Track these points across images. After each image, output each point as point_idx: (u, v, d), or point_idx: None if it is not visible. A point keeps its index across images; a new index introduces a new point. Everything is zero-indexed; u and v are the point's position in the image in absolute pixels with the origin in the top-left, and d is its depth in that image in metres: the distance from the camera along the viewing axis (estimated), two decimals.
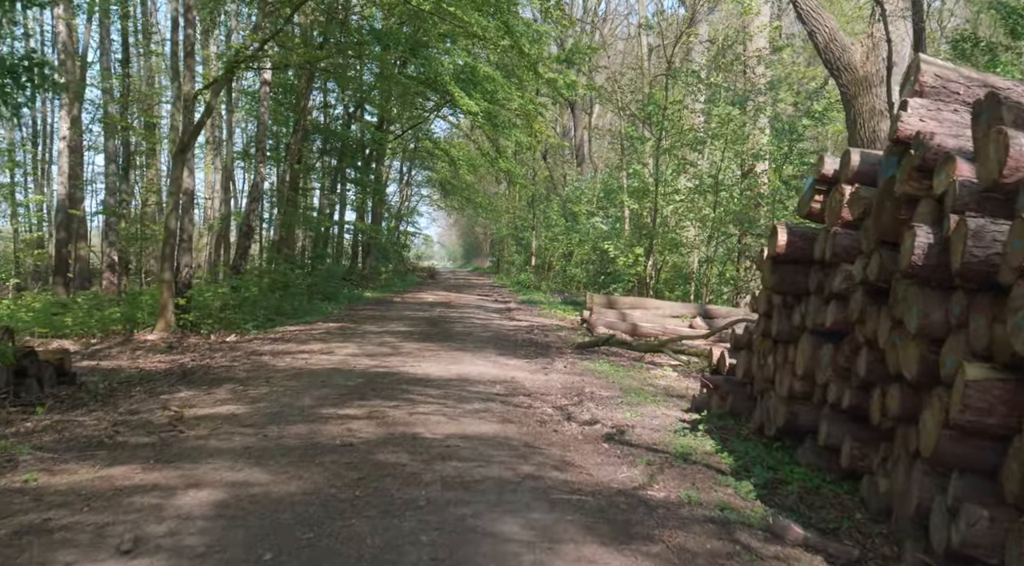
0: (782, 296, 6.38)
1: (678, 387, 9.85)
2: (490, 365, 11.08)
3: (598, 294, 18.87)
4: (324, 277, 24.82)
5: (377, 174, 35.81)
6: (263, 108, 20.75)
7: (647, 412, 7.79)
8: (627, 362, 11.87)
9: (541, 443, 6.44)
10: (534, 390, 9.14)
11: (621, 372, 10.62)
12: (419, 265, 58.75)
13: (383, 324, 16.95)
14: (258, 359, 11.38)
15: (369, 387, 8.90)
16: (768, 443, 6.37)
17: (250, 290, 18.01)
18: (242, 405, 7.74)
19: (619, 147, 31.82)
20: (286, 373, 9.95)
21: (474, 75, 27.99)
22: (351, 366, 10.58)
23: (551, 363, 11.31)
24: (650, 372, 10.93)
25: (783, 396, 6.16)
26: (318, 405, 7.74)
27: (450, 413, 7.53)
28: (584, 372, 10.49)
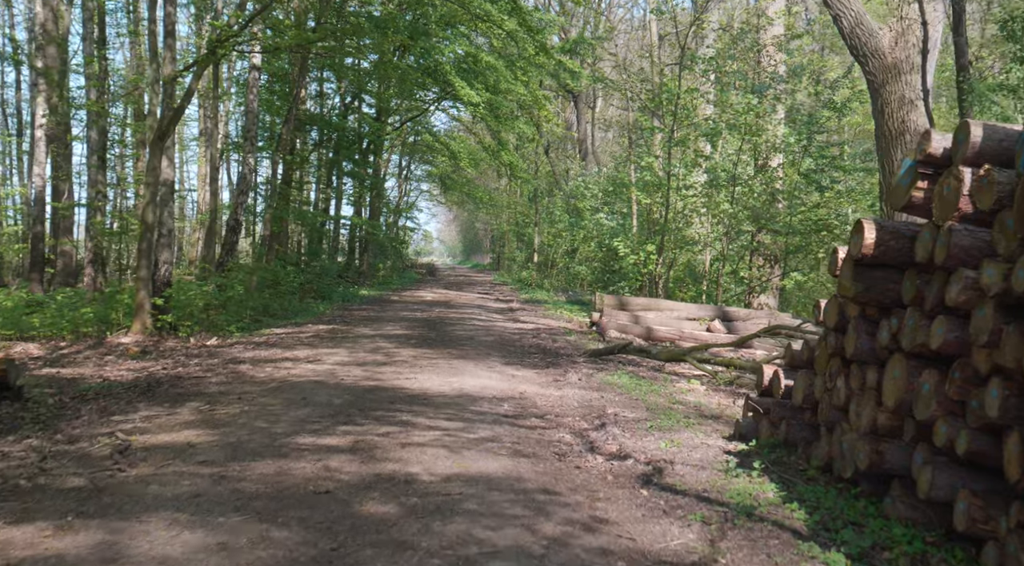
0: (861, 307, 5.15)
1: (710, 405, 8.64)
2: (495, 377, 9.87)
3: (608, 294, 17.66)
4: (317, 274, 23.61)
5: (375, 167, 34.60)
6: (252, 95, 19.52)
7: (684, 440, 6.57)
8: (647, 373, 10.66)
9: (563, 487, 5.23)
10: (548, 410, 7.93)
11: (643, 386, 9.40)
12: (418, 262, 57.65)
13: (378, 326, 15.75)
14: (236, 368, 10.17)
15: (357, 407, 7.69)
16: (842, 487, 5.17)
17: (235, 289, 16.78)
18: (204, 431, 6.53)
19: (625, 140, 30.66)
20: (264, 387, 8.74)
21: (476, 65, 26.84)
22: (339, 379, 9.37)
23: (564, 374, 10.10)
24: (675, 385, 9.72)
25: (864, 431, 4.95)
26: (294, 432, 6.53)
27: (451, 443, 6.31)
28: (602, 386, 9.28)
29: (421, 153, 43.44)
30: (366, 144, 31.27)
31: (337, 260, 32.61)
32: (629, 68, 28.19)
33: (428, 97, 32.60)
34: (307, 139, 28.07)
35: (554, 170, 41.43)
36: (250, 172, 19.74)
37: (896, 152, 16.31)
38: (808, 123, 19.11)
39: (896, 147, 16.27)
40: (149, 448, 5.96)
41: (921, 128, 16.32)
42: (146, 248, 14.37)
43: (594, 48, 34.13)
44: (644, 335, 15.10)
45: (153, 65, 14.81)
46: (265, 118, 26.35)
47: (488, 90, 27.08)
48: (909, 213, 4.66)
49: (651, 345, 14.46)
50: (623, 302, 16.77)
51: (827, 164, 19.48)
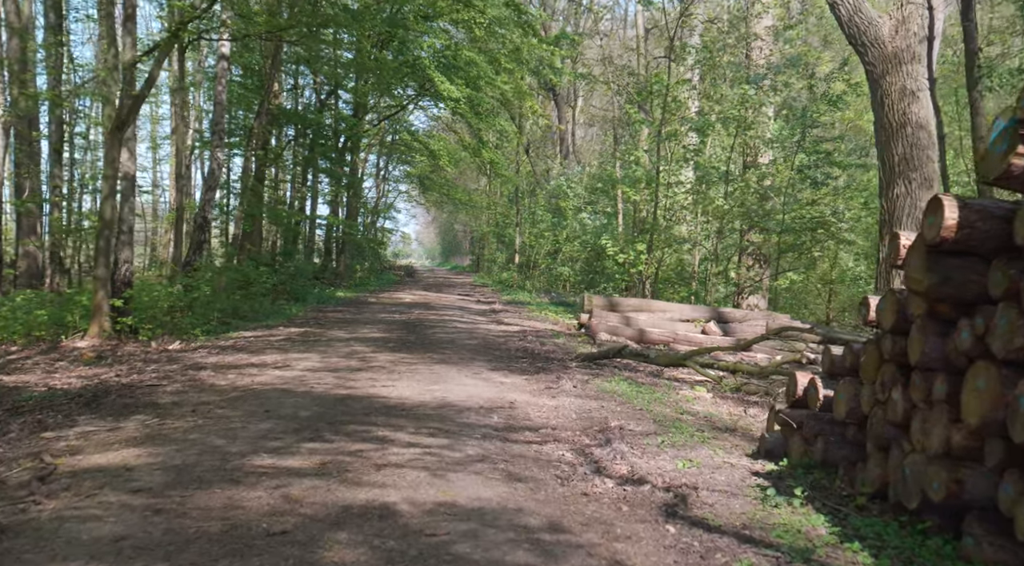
0: (930, 304, 4.29)
1: (720, 415, 7.78)
2: (481, 384, 8.97)
3: (597, 295, 16.80)
4: (291, 275, 22.61)
5: (352, 166, 33.61)
6: (220, 87, 18.52)
7: (703, 459, 5.70)
8: (646, 379, 9.78)
9: (572, 522, 4.33)
10: (543, 422, 7.04)
11: (645, 393, 8.53)
12: (396, 263, 56.63)
13: (353, 329, 14.81)
14: (195, 376, 9.22)
15: (327, 420, 6.77)
16: (904, 521, 4.32)
17: (201, 290, 15.81)
18: (148, 450, 5.60)
19: (609, 137, 29.84)
20: (224, 397, 7.80)
21: (455, 59, 26.01)
22: (308, 386, 8.44)
23: (556, 381, 9.20)
24: (678, 392, 8.85)
25: (934, 453, 4.10)
26: (252, 451, 5.60)
27: (434, 464, 5.41)
28: (600, 394, 8.40)
29: (400, 153, 42.52)
30: (343, 141, 30.30)
31: (313, 261, 31.59)
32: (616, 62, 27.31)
33: (407, 94, 31.73)
34: (283, 135, 27.07)
35: (534, 169, 40.61)
36: (219, 167, 18.75)
37: (897, 145, 15.54)
38: (802, 117, 18.36)
39: (897, 140, 15.51)
40: (77, 473, 5.03)
41: (923, 120, 15.59)
42: (104, 246, 13.42)
43: (576, 44, 33.33)
44: (636, 338, 14.26)
45: (111, 50, 13.83)
46: (238, 114, 25.35)
47: (468, 86, 26.27)
48: (1007, 186, 3.80)
49: (645, 348, 13.60)
50: (613, 303, 15.91)
51: (821, 160, 18.73)
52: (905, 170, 15.03)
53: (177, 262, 18.96)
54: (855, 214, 18.63)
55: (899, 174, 15.12)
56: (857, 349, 5.14)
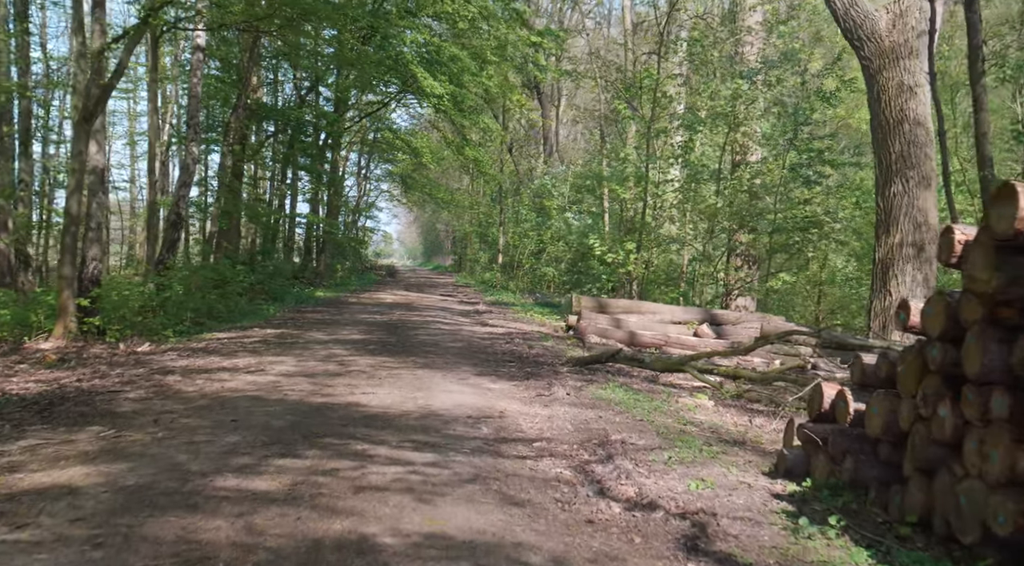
0: (990, 308, 3.75)
1: (726, 425, 7.23)
2: (468, 390, 8.39)
3: (586, 296, 16.25)
4: (269, 275, 21.96)
5: (333, 163, 32.94)
6: (196, 79, 17.84)
7: (717, 479, 5.15)
8: (642, 385, 9.23)
9: (578, 557, 3.77)
10: (536, 433, 6.47)
11: (643, 402, 7.97)
12: (378, 263, 55.96)
13: (332, 331, 14.20)
14: (162, 380, 8.61)
15: (301, 431, 6.18)
16: (957, 556, 3.78)
17: (173, 289, 15.17)
18: (99, 467, 5.00)
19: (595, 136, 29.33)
20: (191, 405, 7.20)
21: (439, 55, 25.43)
22: (282, 393, 7.84)
23: (548, 387, 8.63)
24: (678, 400, 8.30)
25: (996, 480, 3.56)
26: (216, 469, 5.01)
27: (420, 485, 4.83)
28: (596, 402, 7.83)
29: (382, 151, 41.88)
30: (324, 138, 29.64)
31: (293, 260, 30.92)
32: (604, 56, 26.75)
33: (389, 91, 31.12)
34: (261, 131, 26.39)
35: (518, 169, 40.06)
36: (193, 163, 18.07)
37: (894, 142, 15.07)
38: (794, 114, 17.88)
39: (894, 137, 15.04)
40: (14, 495, 4.42)
41: (920, 117, 15.11)
42: (71, 243, 12.78)
43: (562, 41, 32.81)
44: (626, 340, 13.73)
45: (79, 37, 13.18)
46: (215, 108, 24.66)
47: (452, 82, 25.70)
48: None
49: (637, 351, 13.06)
50: (602, 304, 15.38)
51: (814, 158, 18.26)
52: (902, 168, 14.59)
53: (150, 260, 18.29)
54: (848, 213, 18.17)
55: (896, 172, 14.67)
56: (893, 358, 4.60)
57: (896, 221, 14.55)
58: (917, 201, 14.40)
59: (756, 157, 19.76)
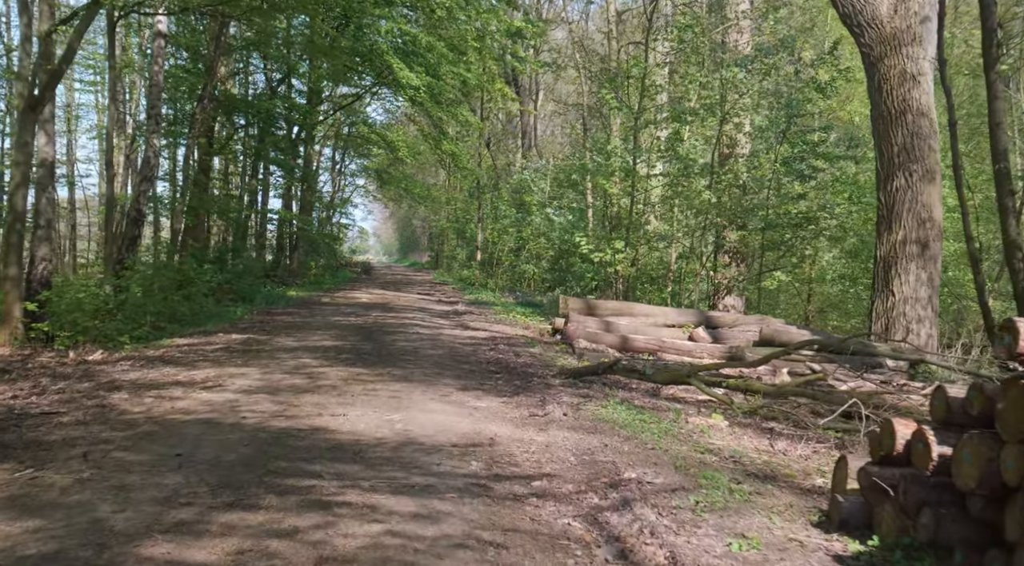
0: None
1: (746, 452, 6.32)
2: (451, 410, 7.44)
3: (573, 297, 15.33)
4: (238, 274, 20.89)
5: (306, 158, 31.85)
6: (157, 67, 16.76)
7: (759, 533, 4.24)
8: (645, 400, 8.31)
9: None
10: (534, 468, 5.54)
11: (650, 423, 7.05)
12: (353, 260, 54.80)
13: (303, 336, 13.21)
14: (106, 399, 7.62)
15: (256, 469, 5.22)
16: None
17: (131, 291, 14.12)
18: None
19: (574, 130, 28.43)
20: (132, 432, 6.22)
21: (415, 45, 24.45)
22: (240, 415, 6.87)
23: (542, 405, 7.70)
24: (688, 421, 7.37)
25: None
26: (145, 528, 4.05)
27: (398, 551, 3.89)
28: (598, 424, 6.90)
29: (356, 145, 40.81)
30: (296, 132, 28.56)
31: (264, 258, 29.80)
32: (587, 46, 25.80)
33: (364, 83, 30.08)
34: (232, 124, 25.25)
35: (495, 164, 39.12)
36: (155, 155, 16.99)
37: (896, 134, 14.24)
38: (787, 106, 17.02)
39: (896, 128, 14.20)
40: None
41: (924, 107, 14.28)
42: (17, 242, 11.75)
43: (541, 31, 31.87)
44: (618, 345, 12.83)
45: (24, 18, 12.11)
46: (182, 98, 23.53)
47: (428, 73, 24.74)
48: None
49: (630, 358, 12.18)
50: (591, 306, 14.47)
51: (807, 151, 17.42)
52: (905, 161, 13.79)
53: (108, 260, 17.18)
54: (844, 209, 17.35)
55: (899, 166, 13.87)
56: (991, 391, 3.70)
57: (899, 217, 13.77)
58: (921, 196, 13.62)
59: (745, 152, 18.91)
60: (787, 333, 13.12)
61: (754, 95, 16.74)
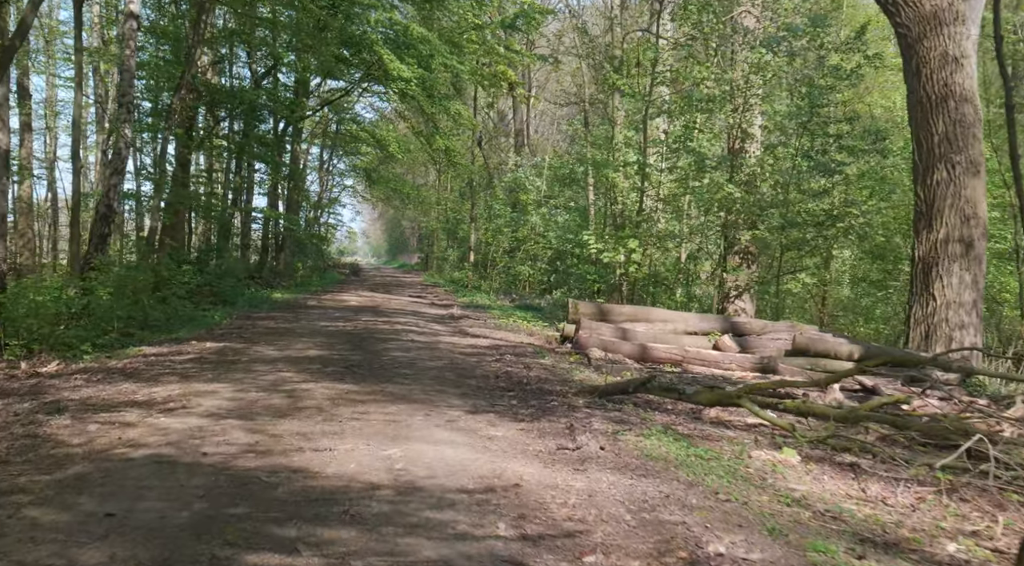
0: None
1: (836, 498, 5.00)
2: (461, 440, 6.10)
3: (583, 301, 13.99)
4: (219, 275, 19.48)
5: (293, 155, 30.47)
6: (129, 51, 15.40)
7: None
8: (689, 426, 6.97)
9: None
10: (580, 531, 4.18)
11: (709, 459, 5.72)
12: (341, 261, 53.40)
13: (286, 344, 11.86)
14: (43, 425, 6.31)
15: (211, 538, 3.88)
16: None
17: (97, 294, 12.75)
18: None
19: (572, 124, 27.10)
20: (60, 475, 4.89)
21: (406, 36, 23.19)
22: (200, 451, 5.52)
23: (570, 433, 6.35)
24: (752, 456, 6.03)
25: None
26: None
27: None
28: (646, 462, 5.57)
29: (345, 143, 39.48)
30: (283, 127, 27.17)
31: (249, 259, 28.38)
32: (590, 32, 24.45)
33: (353, 77, 28.75)
34: (215, 116, 23.81)
35: (487, 163, 37.81)
36: (126, 147, 15.59)
37: (936, 122, 12.95)
38: (809, 94, 15.73)
39: (936, 116, 12.91)
40: None
41: (968, 92, 13.00)
42: None
43: (538, 23, 30.54)
44: (637, 355, 11.53)
45: None
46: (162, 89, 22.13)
47: (420, 66, 23.48)
48: None
49: (651, 369, 10.88)
50: (604, 311, 13.16)
51: (830, 144, 16.15)
52: (947, 152, 12.55)
53: (74, 260, 15.79)
54: (873, 205, 16.07)
55: (939, 157, 12.62)
56: None
57: (940, 214, 12.54)
58: (964, 190, 12.39)
59: (757, 145, 17.61)
60: (822, 341, 11.85)
61: (781, 79, 15.43)
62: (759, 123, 17.65)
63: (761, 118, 17.60)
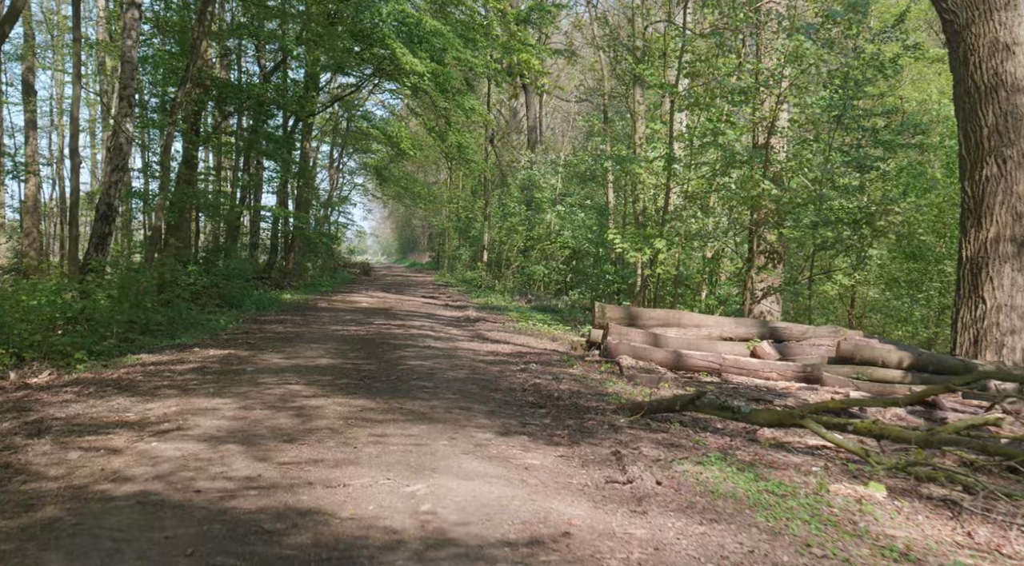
0: None
1: (941, 548, 4.22)
2: (495, 472, 5.29)
3: (611, 304, 13.16)
4: (225, 276, 18.73)
5: (303, 152, 29.71)
6: (130, 41, 14.65)
7: None
8: (749, 449, 6.18)
9: None
10: None
11: (784, 495, 4.93)
12: (351, 260, 52.68)
13: (295, 351, 11.09)
14: (18, 451, 5.63)
15: None
16: None
17: (95, 297, 12.01)
18: None
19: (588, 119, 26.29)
20: (23, 521, 4.13)
21: (419, 29, 22.45)
22: (194, 487, 4.75)
23: (618, 462, 5.56)
24: (831, 491, 5.22)
25: None
26: None
27: None
28: (714, 501, 4.77)
29: (356, 140, 38.80)
30: (292, 123, 26.42)
31: (257, 259, 27.64)
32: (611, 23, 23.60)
33: (364, 72, 28.02)
34: (222, 111, 23.06)
35: (499, 161, 37.02)
36: (128, 142, 14.83)
37: (986, 112, 12.15)
38: (843, 86, 14.88)
39: (986, 106, 11.99)
40: None
41: (1020, 81, 12.19)
42: None
43: (553, 17, 29.72)
44: (671, 363, 10.72)
45: None
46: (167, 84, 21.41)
47: (433, 59, 22.76)
48: None
49: (687, 378, 10.08)
50: (632, 315, 12.34)
51: (866, 138, 15.29)
52: (997, 145, 11.68)
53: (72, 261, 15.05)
54: (913, 202, 15.20)
55: (989, 150, 11.75)
56: None
57: (990, 211, 11.68)
58: (1016, 186, 11.54)
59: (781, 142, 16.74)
60: (869, 347, 11.03)
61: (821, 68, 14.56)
62: (786, 117, 16.80)
63: (787, 112, 16.74)
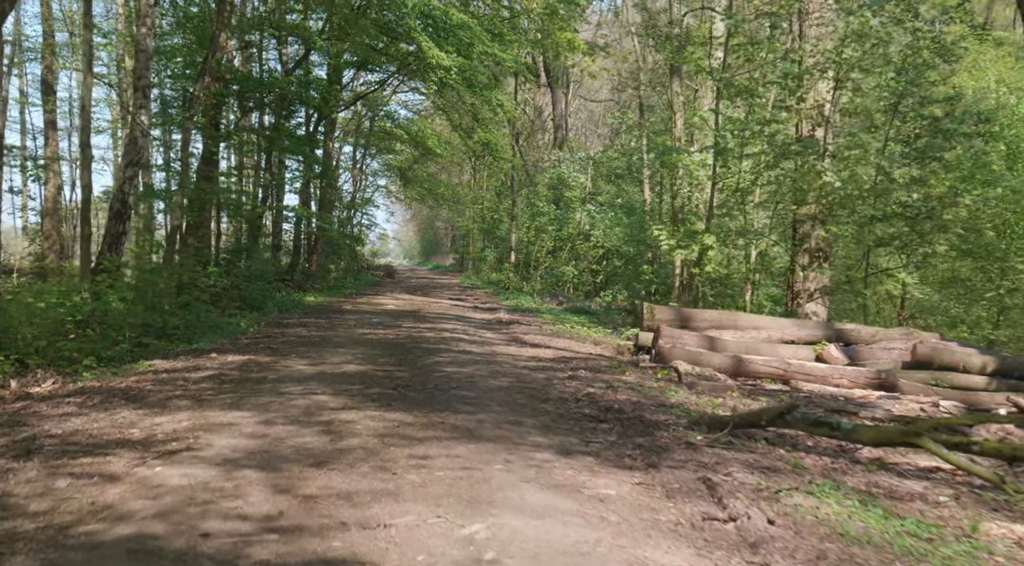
0: None
1: None
2: (566, 506, 4.35)
3: (659, 306, 12.19)
4: (246, 278, 17.89)
5: (326, 150, 28.89)
6: (145, 29, 13.86)
7: None
8: (859, 476, 5.22)
9: None
10: None
11: (927, 538, 3.98)
12: (375, 262, 51.93)
13: (319, 357, 10.20)
14: (1, 479, 4.69)
15: None
16: None
17: (106, 299, 11.17)
18: None
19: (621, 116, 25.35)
20: None
21: (446, 22, 21.64)
22: (200, 529, 3.85)
23: (711, 493, 4.61)
24: (978, 530, 4.27)
25: None
26: None
27: None
28: (841, 546, 3.78)
29: (379, 140, 38.04)
30: (315, 119, 25.62)
31: (280, 260, 26.84)
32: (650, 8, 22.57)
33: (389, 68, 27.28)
34: (243, 107, 22.26)
35: (525, 160, 36.11)
36: (143, 136, 14.03)
37: None
38: (902, 71, 13.87)
39: None
40: None
41: None
42: None
43: (582, 9, 28.78)
44: (730, 369, 9.77)
45: None
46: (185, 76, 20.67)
47: (460, 54, 21.95)
48: None
49: (748, 386, 9.12)
50: (684, 317, 11.38)
51: (925, 127, 14.27)
52: None
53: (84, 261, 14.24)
54: (979, 195, 14.13)
55: None
56: None
57: None
58: None
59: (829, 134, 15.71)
60: (948, 352, 10.06)
61: (888, 47, 13.53)
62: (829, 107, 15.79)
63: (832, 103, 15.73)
